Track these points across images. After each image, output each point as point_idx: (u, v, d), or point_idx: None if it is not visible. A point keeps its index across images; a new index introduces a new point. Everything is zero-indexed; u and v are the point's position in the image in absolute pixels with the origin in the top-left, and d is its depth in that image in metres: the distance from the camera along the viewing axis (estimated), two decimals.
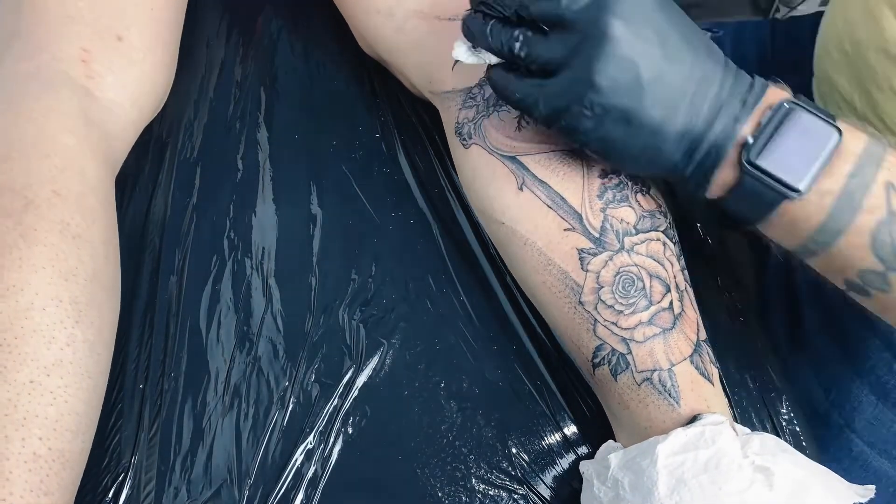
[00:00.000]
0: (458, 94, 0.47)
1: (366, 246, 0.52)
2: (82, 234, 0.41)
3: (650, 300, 0.40)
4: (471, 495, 0.45)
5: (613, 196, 0.41)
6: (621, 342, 0.40)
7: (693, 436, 0.36)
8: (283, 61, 0.61)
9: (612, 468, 0.39)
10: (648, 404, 0.39)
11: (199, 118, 0.58)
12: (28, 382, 0.36)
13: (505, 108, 0.44)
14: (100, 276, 0.41)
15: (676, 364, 0.39)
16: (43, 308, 0.38)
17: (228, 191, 0.55)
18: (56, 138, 0.43)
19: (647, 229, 0.41)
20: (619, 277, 0.40)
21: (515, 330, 0.50)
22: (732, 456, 0.35)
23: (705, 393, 0.40)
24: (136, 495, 0.44)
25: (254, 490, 0.44)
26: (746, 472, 0.35)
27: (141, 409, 0.46)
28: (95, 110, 0.46)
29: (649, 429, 0.40)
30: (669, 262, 0.41)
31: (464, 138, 0.46)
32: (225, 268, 0.51)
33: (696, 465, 0.35)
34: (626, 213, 0.41)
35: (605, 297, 0.40)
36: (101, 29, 0.48)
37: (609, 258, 0.40)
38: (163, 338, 0.49)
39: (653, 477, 0.36)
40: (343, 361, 0.48)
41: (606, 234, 0.41)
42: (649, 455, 0.37)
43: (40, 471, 0.36)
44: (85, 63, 0.47)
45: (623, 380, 0.40)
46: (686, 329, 0.40)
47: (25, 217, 0.39)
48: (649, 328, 0.39)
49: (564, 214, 0.41)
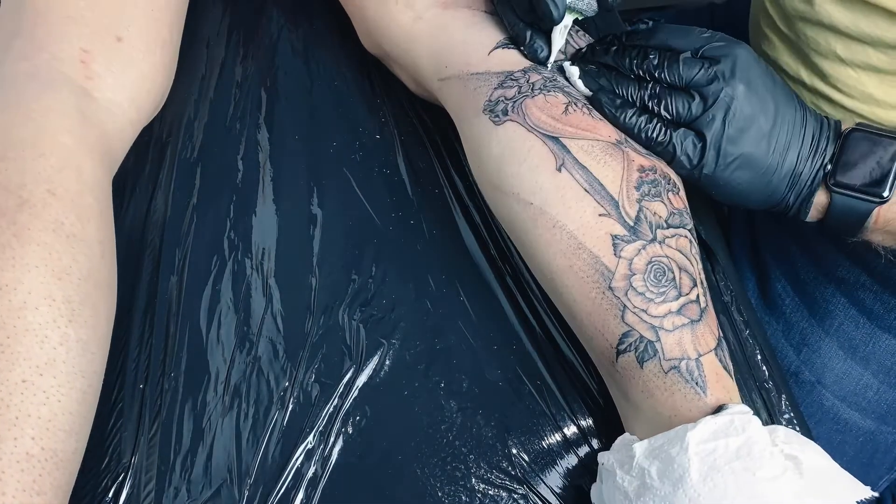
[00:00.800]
0: (493, 75, 0.48)
1: (366, 246, 0.52)
2: (77, 234, 0.41)
3: (680, 291, 0.41)
4: (471, 495, 0.45)
5: (649, 190, 0.43)
6: (650, 329, 0.40)
7: (723, 424, 0.37)
8: (283, 61, 0.61)
9: (637, 457, 0.39)
10: (675, 392, 0.40)
11: (199, 118, 0.58)
12: (20, 382, 0.36)
13: (553, 94, 0.45)
14: (94, 276, 0.41)
15: (703, 355, 0.40)
16: (36, 307, 0.38)
17: (228, 191, 0.55)
18: (53, 138, 0.43)
19: (676, 225, 0.42)
20: (651, 266, 0.41)
21: (515, 330, 0.50)
22: (763, 444, 0.36)
23: (728, 385, 0.41)
24: (136, 495, 0.44)
25: (254, 490, 0.44)
26: (778, 460, 0.35)
27: (141, 409, 0.46)
28: (94, 110, 0.47)
29: (674, 417, 0.40)
30: (695, 258, 0.43)
31: (496, 115, 0.46)
32: (225, 268, 0.51)
33: (727, 452, 0.36)
34: (658, 207, 0.42)
35: (636, 284, 0.41)
36: (101, 29, 0.48)
37: (642, 247, 0.41)
38: (163, 338, 0.49)
39: (684, 464, 0.36)
40: (343, 361, 0.48)
41: (641, 224, 0.42)
42: (678, 442, 0.37)
43: (33, 470, 0.36)
44: (84, 64, 0.47)
45: (650, 367, 0.40)
46: (711, 323, 0.41)
47: (19, 216, 0.39)
48: (678, 318, 0.40)
49: (601, 200, 0.42)
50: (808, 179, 0.44)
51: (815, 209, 0.45)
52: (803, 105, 0.45)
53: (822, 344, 0.62)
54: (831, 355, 0.62)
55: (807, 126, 0.44)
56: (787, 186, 0.44)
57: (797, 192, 0.44)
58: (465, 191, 0.55)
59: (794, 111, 0.44)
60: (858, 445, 0.64)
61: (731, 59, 0.43)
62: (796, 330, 0.64)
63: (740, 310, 0.52)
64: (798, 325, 0.64)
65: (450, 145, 0.57)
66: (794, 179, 0.44)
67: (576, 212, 0.42)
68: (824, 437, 0.63)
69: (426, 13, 0.52)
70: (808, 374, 0.63)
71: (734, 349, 0.51)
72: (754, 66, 0.44)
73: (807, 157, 0.44)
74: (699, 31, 0.45)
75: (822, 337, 0.62)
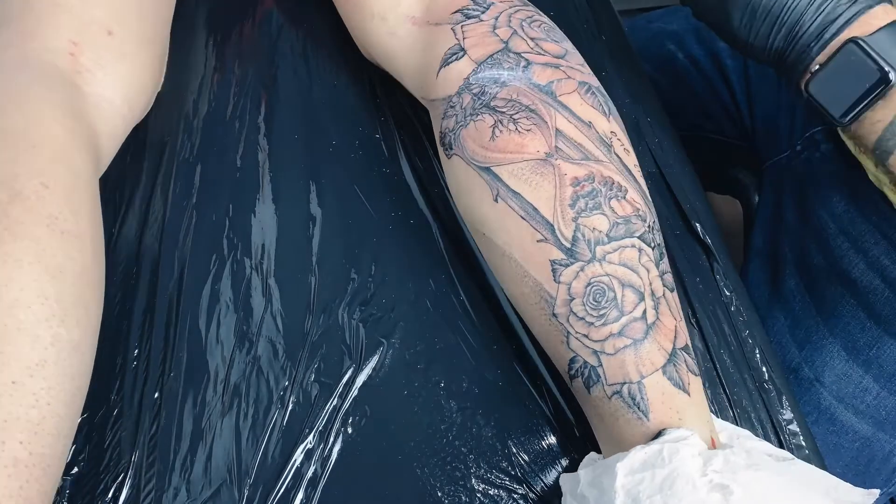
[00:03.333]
0: (441, 102, 0.47)
1: (366, 246, 0.52)
2: (70, 230, 0.39)
3: (621, 311, 0.39)
4: (471, 495, 0.45)
5: (586, 204, 0.40)
6: (592, 354, 0.39)
7: (652, 453, 0.36)
8: (282, 61, 0.61)
9: (581, 484, 0.39)
10: (619, 418, 0.39)
11: (198, 117, 0.58)
12: (10, 383, 0.35)
13: (480, 118, 0.44)
14: (87, 274, 0.40)
15: (647, 376, 0.38)
16: (28, 305, 0.36)
17: (228, 190, 0.54)
18: (46, 129, 0.41)
19: (620, 236, 0.40)
20: (591, 288, 0.39)
21: (515, 330, 0.50)
22: (688, 475, 0.34)
23: (678, 404, 0.38)
24: (136, 495, 0.44)
25: (253, 490, 0.44)
26: (701, 493, 0.34)
27: (141, 409, 0.46)
28: (84, 105, 0.45)
29: (621, 443, 0.39)
30: (645, 268, 0.40)
31: (446, 149, 0.46)
32: (224, 267, 0.51)
33: (652, 485, 0.35)
34: (598, 221, 0.40)
35: (576, 309, 0.39)
36: (91, 22, 0.47)
37: (580, 269, 0.39)
38: (162, 338, 0.49)
39: (611, 496, 0.36)
40: (343, 361, 0.48)
41: (578, 244, 0.40)
42: (610, 473, 0.36)
43: (20, 476, 0.34)
44: (73, 56, 0.46)
45: (595, 392, 0.40)
46: (659, 338, 0.39)
47: (12, 209, 0.37)
48: (620, 340, 0.38)
49: (537, 225, 0.40)
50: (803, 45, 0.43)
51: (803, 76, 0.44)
52: None
53: (825, 342, 0.62)
54: (833, 355, 0.62)
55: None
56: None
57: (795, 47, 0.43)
58: None
59: None
60: (854, 451, 0.63)
61: None
62: (802, 327, 0.64)
63: (740, 309, 0.52)
64: (804, 322, 0.64)
65: None
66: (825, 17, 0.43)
67: (517, 240, 0.41)
68: (820, 438, 0.63)
69: (399, 29, 0.50)
70: (807, 371, 0.63)
71: (734, 349, 0.51)
72: None
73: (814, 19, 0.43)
74: None
75: (827, 336, 0.62)
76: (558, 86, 0.44)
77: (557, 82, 0.44)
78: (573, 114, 0.43)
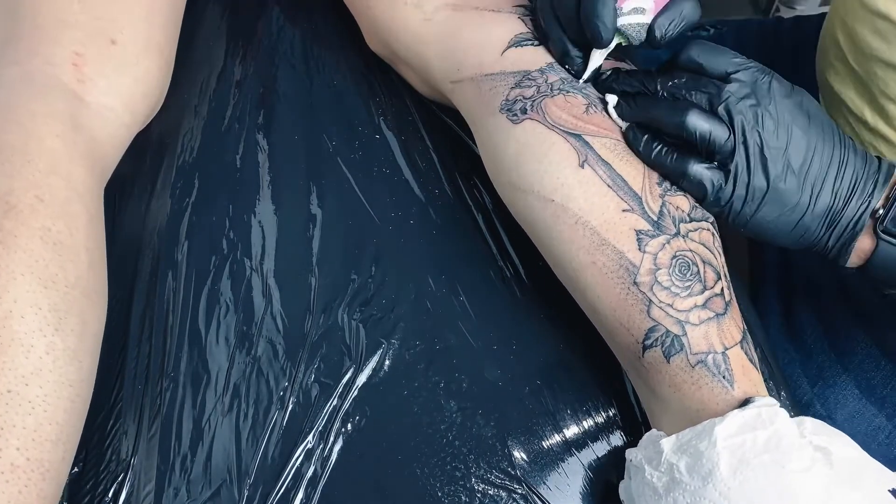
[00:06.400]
0: (509, 75, 0.47)
1: (365, 246, 0.52)
2: (64, 241, 0.40)
3: (705, 285, 0.41)
4: (471, 495, 0.45)
5: (671, 185, 0.43)
6: (676, 324, 0.40)
7: (750, 417, 0.37)
8: (282, 61, 0.61)
9: (665, 452, 0.39)
10: (702, 386, 0.40)
11: (198, 118, 0.58)
12: (6, 392, 0.36)
13: (573, 94, 0.45)
14: (82, 284, 0.41)
15: (730, 348, 0.40)
16: (21, 316, 0.37)
17: (228, 191, 0.54)
18: (41, 143, 0.42)
19: (699, 218, 0.43)
20: (676, 261, 0.41)
21: (515, 330, 0.50)
22: (792, 436, 0.36)
23: (754, 378, 0.41)
24: (136, 495, 0.44)
25: (253, 490, 0.44)
26: (807, 452, 0.35)
27: (141, 409, 0.46)
28: (85, 115, 0.46)
29: (701, 411, 0.40)
30: (718, 251, 0.43)
31: (514, 114, 0.46)
32: (224, 268, 0.51)
33: (756, 446, 0.36)
34: (681, 201, 0.43)
35: (661, 279, 0.41)
36: (95, 32, 0.48)
37: (667, 241, 0.41)
38: (162, 338, 0.49)
39: (713, 458, 0.36)
40: (343, 361, 0.48)
41: (664, 219, 0.42)
42: (707, 437, 0.37)
43: (18, 481, 0.35)
44: (76, 67, 0.47)
45: (676, 362, 0.40)
46: (735, 316, 0.41)
47: (6, 222, 0.39)
48: (704, 311, 0.40)
49: (624, 195, 0.42)
50: (849, 222, 0.42)
51: (857, 254, 0.43)
52: (846, 144, 0.43)
53: (838, 380, 0.61)
54: (846, 392, 0.61)
55: (846, 165, 0.42)
56: (823, 227, 0.42)
57: (837, 234, 0.42)
58: (465, 190, 0.55)
59: (832, 149, 0.42)
60: None
61: (762, 90, 0.42)
62: (814, 362, 0.63)
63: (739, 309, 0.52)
64: (817, 357, 0.63)
65: (450, 144, 0.57)
66: (832, 220, 0.42)
67: (599, 207, 0.42)
68: None
69: (436, 15, 0.52)
70: (819, 407, 0.62)
71: None
72: (785, 100, 0.42)
73: (846, 198, 0.42)
74: (732, 55, 0.43)
75: (840, 373, 0.61)
76: None
77: None
78: None
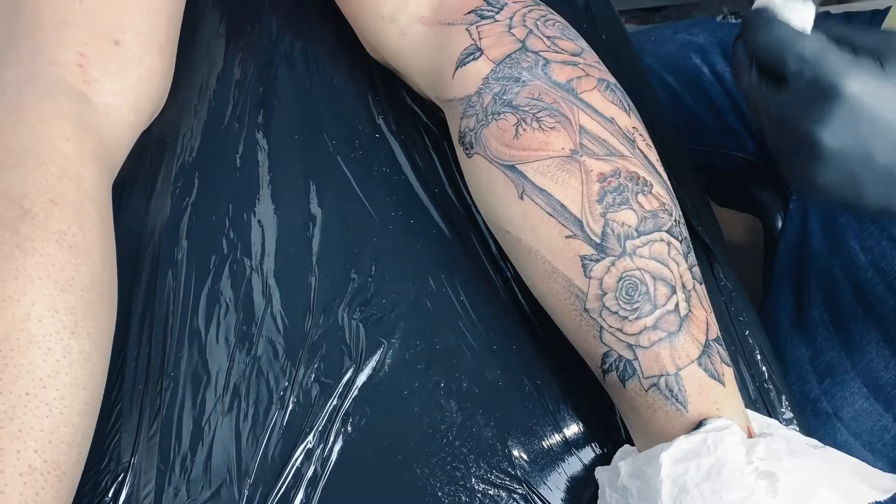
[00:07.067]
0: (459, 102, 0.47)
1: (366, 246, 0.52)
2: (79, 244, 0.41)
3: (654, 304, 0.39)
4: (471, 495, 0.45)
5: (613, 199, 0.40)
6: (627, 348, 0.39)
7: (696, 443, 0.36)
8: (281, 60, 0.61)
9: (621, 476, 0.39)
10: (656, 410, 0.39)
11: (198, 118, 0.58)
12: (24, 394, 0.36)
13: (503, 116, 0.44)
14: (96, 286, 0.41)
15: (683, 368, 0.39)
16: (39, 319, 0.37)
17: (227, 190, 0.54)
18: (53, 145, 0.42)
19: (649, 231, 0.40)
20: (623, 283, 0.39)
21: (515, 330, 0.50)
22: (735, 463, 0.35)
23: (714, 395, 0.39)
24: (136, 495, 0.44)
25: (253, 490, 0.44)
26: (748, 480, 0.34)
27: (141, 409, 0.46)
28: (92, 116, 0.46)
29: (659, 434, 0.39)
30: (675, 261, 0.40)
31: (466, 148, 0.46)
32: (224, 267, 0.51)
33: (698, 473, 0.35)
34: (626, 216, 0.40)
35: (609, 304, 0.40)
36: (98, 33, 0.48)
37: (611, 263, 0.40)
38: (162, 338, 0.49)
39: (657, 486, 0.36)
40: (343, 361, 0.48)
41: (608, 239, 0.40)
42: (654, 463, 0.37)
43: (35, 483, 0.35)
44: (81, 68, 0.47)
45: (631, 386, 0.40)
46: (693, 330, 0.39)
47: (22, 226, 0.39)
48: (654, 333, 0.39)
49: (565, 221, 0.41)
50: None
51: None
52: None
53: (846, 377, 0.61)
54: (854, 391, 0.60)
55: None
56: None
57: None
58: (465, 190, 0.55)
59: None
60: None
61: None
62: (823, 359, 0.62)
63: (740, 309, 0.52)
64: (826, 354, 0.62)
65: (450, 144, 0.57)
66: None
67: (545, 237, 0.42)
68: None
69: (409, 29, 0.51)
70: (826, 404, 0.61)
71: (734, 349, 0.51)
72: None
73: None
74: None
75: (849, 370, 0.61)
76: (578, 83, 0.44)
77: (577, 80, 0.44)
78: (595, 110, 0.43)
